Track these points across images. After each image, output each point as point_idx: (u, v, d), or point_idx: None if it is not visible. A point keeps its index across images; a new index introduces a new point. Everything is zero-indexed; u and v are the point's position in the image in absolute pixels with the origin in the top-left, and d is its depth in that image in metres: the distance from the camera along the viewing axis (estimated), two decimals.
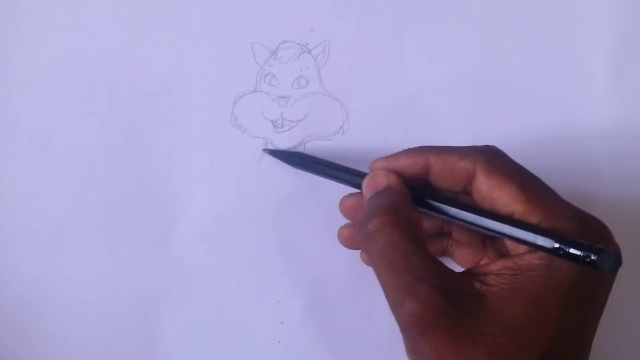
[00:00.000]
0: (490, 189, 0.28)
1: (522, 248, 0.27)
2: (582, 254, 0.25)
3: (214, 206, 0.37)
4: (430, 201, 0.30)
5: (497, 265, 0.27)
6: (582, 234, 0.26)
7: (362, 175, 0.32)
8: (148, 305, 0.37)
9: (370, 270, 0.37)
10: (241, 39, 0.37)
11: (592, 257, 0.24)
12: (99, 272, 0.37)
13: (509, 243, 0.28)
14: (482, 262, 0.32)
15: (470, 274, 0.27)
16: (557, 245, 0.25)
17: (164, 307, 0.37)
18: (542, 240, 0.26)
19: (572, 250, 0.25)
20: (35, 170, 0.37)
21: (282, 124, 0.37)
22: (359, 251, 0.35)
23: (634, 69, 0.37)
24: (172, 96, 0.37)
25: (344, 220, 0.35)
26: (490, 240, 0.33)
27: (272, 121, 0.37)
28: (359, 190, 0.32)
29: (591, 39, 0.37)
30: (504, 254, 0.30)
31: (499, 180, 0.28)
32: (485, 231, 0.28)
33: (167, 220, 0.37)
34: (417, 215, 0.29)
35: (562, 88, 0.37)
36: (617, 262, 0.25)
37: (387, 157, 0.31)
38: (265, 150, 0.37)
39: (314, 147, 0.37)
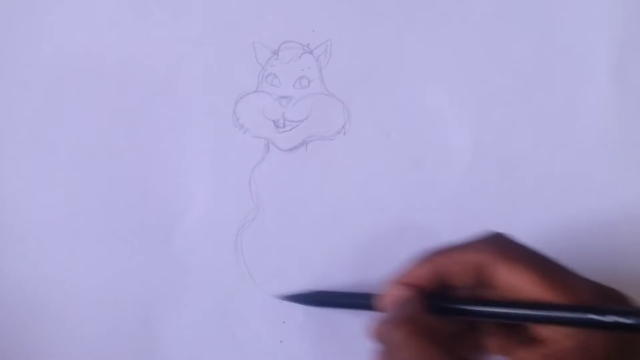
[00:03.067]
0: (508, 279, 0.28)
1: (552, 332, 0.27)
2: (620, 320, 0.25)
3: (215, 206, 0.37)
4: (451, 305, 0.29)
5: (531, 355, 0.27)
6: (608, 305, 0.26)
7: (373, 295, 0.32)
8: (149, 306, 0.37)
9: (370, 270, 0.37)
10: (243, 39, 0.37)
11: (630, 321, 0.25)
12: (100, 273, 0.37)
13: (539, 328, 0.28)
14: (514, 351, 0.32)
15: None
16: (593, 317, 0.25)
17: (166, 307, 0.37)
18: (575, 316, 0.26)
19: (610, 319, 0.25)
20: (35, 170, 0.37)
21: (284, 124, 0.37)
22: (363, 249, 0.36)
23: (634, 69, 0.37)
24: (173, 96, 0.37)
25: (351, 217, 0.35)
26: (522, 326, 0.32)
27: (273, 121, 0.37)
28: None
29: (591, 39, 0.37)
30: (533, 338, 0.29)
31: (514, 268, 0.27)
32: (517, 321, 0.28)
33: (168, 220, 0.37)
34: (435, 321, 0.28)
35: (562, 88, 0.37)
36: None
37: (399, 275, 0.31)
38: (280, 297, 0.37)
39: (316, 147, 0.37)
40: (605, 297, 0.27)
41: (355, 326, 0.38)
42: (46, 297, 0.37)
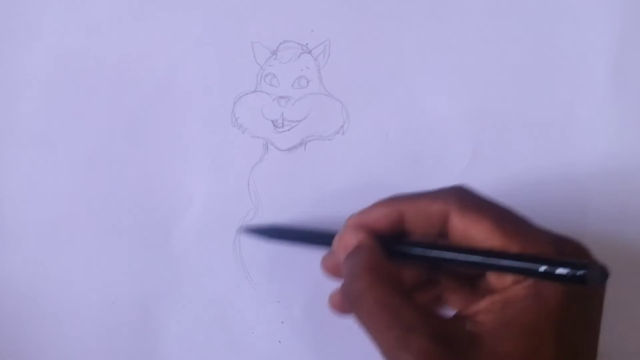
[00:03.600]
0: (466, 228, 0.28)
1: (507, 281, 0.27)
2: (569, 271, 0.25)
3: (214, 206, 0.37)
4: (409, 250, 0.30)
5: (484, 302, 0.27)
6: (563, 257, 0.26)
7: (333, 235, 0.32)
8: (148, 306, 0.37)
9: None
10: (242, 38, 0.37)
11: (579, 273, 0.24)
12: (99, 272, 0.37)
13: (493, 279, 0.28)
14: (466, 303, 0.32)
15: (460, 317, 0.27)
16: (543, 268, 0.25)
17: (164, 307, 0.37)
18: (526, 265, 0.26)
19: (559, 271, 0.25)
20: (35, 170, 0.37)
21: (283, 124, 0.37)
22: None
23: (633, 69, 0.37)
24: (172, 96, 0.37)
25: (342, 220, 0.35)
26: (479, 281, 0.32)
27: (272, 121, 0.37)
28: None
29: (590, 39, 0.37)
30: (489, 289, 0.29)
31: (473, 217, 0.28)
32: (469, 268, 0.28)
33: (167, 220, 0.37)
34: (394, 268, 0.29)
35: (562, 88, 0.37)
36: (604, 273, 0.25)
37: (359, 212, 0.31)
38: (239, 230, 0.37)
39: (315, 147, 0.37)
40: (564, 248, 0.27)
41: (355, 326, 0.37)
42: (45, 296, 0.37)
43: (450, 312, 0.30)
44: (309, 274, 0.38)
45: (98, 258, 0.37)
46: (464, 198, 0.29)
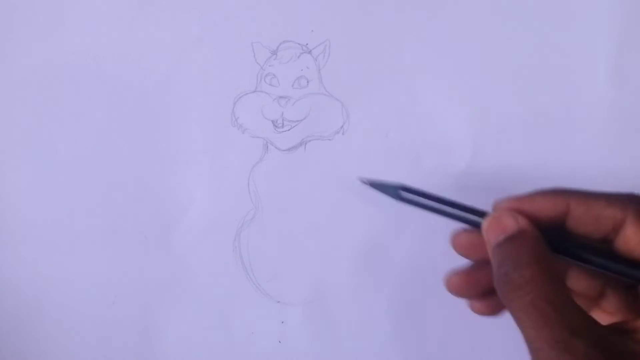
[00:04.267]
0: None
1: None
2: None
3: (214, 206, 0.37)
4: (577, 250, 0.27)
5: None
6: None
7: (481, 213, 0.29)
8: (148, 306, 0.37)
9: (370, 270, 0.37)
10: (241, 38, 0.37)
11: None
12: (99, 272, 0.37)
13: None
14: (626, 317, 0.30)
15: (622, 329, 0.26)
16: None
17: (165, 307, 0.37)
18: None
19: None
20: (35, 170, 0.37)
21: (283, 124, 0.37)
22: (363, 249, 0.35)
23: (633, 69, 0.37)
24: (172, 96, 0.37)
25: (350, 218, 0.35)
26: (626, 291, 0.30)
27: (272, 121, 0.37)
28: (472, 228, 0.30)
29: (589, 39, 0.37)
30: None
31: None
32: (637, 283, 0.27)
33: (167, 220, 0.37)
34: (560, 265, 0.27)
35: (561, 88, 0.37)
36: None
37: (518, 197, 0.28)
38: (362, 180, 0.32)
39: (315, 147, 0.37)
40: None
41: (355, 326, 0.38)
42: (45, 296, 0.37)
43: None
44: (309, 274, 0.38)
45: (98, 258, 0.37)
46: None
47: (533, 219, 0.28)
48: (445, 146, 0.37)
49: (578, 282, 0.30)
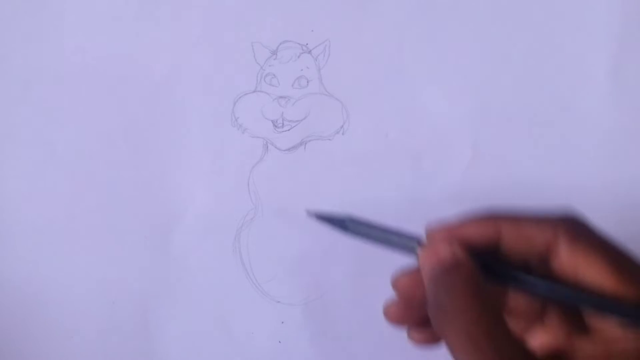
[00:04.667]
0: (575, 262, 0.25)
1: (610, 325, 0.25)
2: None
3: (214, 206, 0.37)
4: (510, 275, 0.27)
5: (586, 347, 0.25)
6: None
7: (416, 239, 0.28)
8: (148, 306, 0.37)
9: (370, 270, 0.37)
10: (241, 38, 0.37)
11: None
12: (99, 272, 0.37)
13: (592, 318, 0.26)
14: (562, 342, 0.29)
15: (558, 356, 0.26)
16: None
17: (165, 308, 0.37)
18: None
19: None
20: (35, 170, 0.37)
21: (283, 123, 0.37)
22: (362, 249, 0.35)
23: (633, 69, 0.37)
24: (172, 96, 0.37)
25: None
26: (564, 313, 0.29)
27: (272, 121, 0.37)
28: (411, 266, 0.30)
29: (589, 38, 0.37)
30: (588, 327, 0.27)
31: (585, 254, 0.25)
32: (574, 305, 0.26)
33: (167, 220, 0.37)
34: (493, 291, 0.27)
35: (562, 88, 0.37)
36: None
37: (449, 225, 0.28)
38: (309, 213, 0.32)
39: (315, 147, 0.37)
40: None
41: (355, 326, 0.38)
42: (45, 296, 0.37)
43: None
44: (309, 274, 0.38)
45: (98, 258, 0.37)
46: (575, 228, 0.26)
47: (467, 245, 0.27)
48: (445, 146, 0.37)
49: (517, 301, 0.30)
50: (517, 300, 0.30)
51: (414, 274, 0.29)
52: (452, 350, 0.25)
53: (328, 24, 0.37)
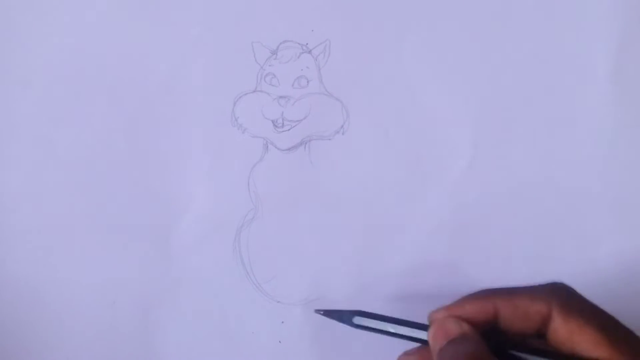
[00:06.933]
0: (570, 334, 0.26)
1: None
2: None
3: (214, 206, 0.37)
4: (513, 352, 0.28)
5: None
6: None
7: (423, 327, 0.30)
8: (148, 306, 0.37)
9: (370, 270, 0.37)
10: (241, 38, 0.37)
11: None
12: (99, 273, 0.37)
13: None
14: None
15: None
16: None
17: (164, 308, 0.37)
18: None
19: None
20: (35, 170, 0.37)
21: (283, 123, 0.37)
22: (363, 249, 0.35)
23: (633, 70, 0.37)
24: (172, 96, 0.37)
25: (349, 218, 0.35)
26: None
27: (272, 121, 0.37)
28: (416, 344, 0.30)
29: (590, 39, 0.37)
30: None
31: (577, 323, 0.26)
32: None
33: (167, 220, 0.37)
34: None
35: (561, 88, 0.37)
36: None
37: (448, 306, 0.29)
38: (317, 311, 0.34)
39: (315, 146, 0.37)
40: None
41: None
42: (45, 296, 0.37)
43: None
44: (309, 274, 0.38)
45: (98, 258, 0.37)
46: (567, 300, 0.27)
47: (473, 324, 0.28)
48: (445, 146, 0.37)
49: None
50: None
51: (418, 354, 0.30)
52: None
53: (328, 23, 0.37)
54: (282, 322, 0.37)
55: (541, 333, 0.28)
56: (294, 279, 0.38)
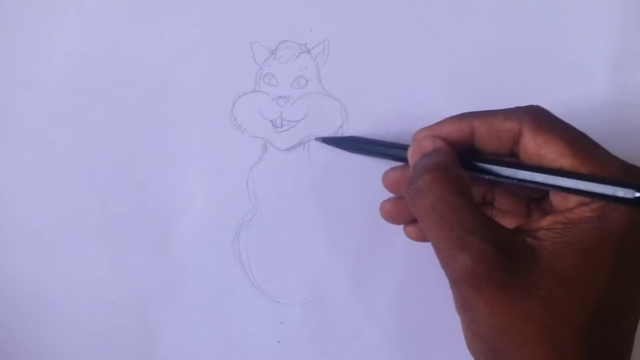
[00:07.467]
0: (538, 147, 0.28)
1: (571, 203, 0.27)
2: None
3: (213, 206, 0.37)
4: (479, 163, 0.30)
5: (547, 220, 0.27)
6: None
7: (406, 147, 0.32)
8: (148, 306, 0.37)
9: (369, 270, 0.37)
10: (240, 38, 0.37)
11: None
12: (99, 273, 0.37)
13: (557, 200, 0.28)
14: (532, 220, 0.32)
15: (520, 230, 0.27)
16: (614, 189, 0.25)
17: (164, 308, 0.37)
18: (595, 187, 0.26)
19: (629, 193, 0.25)
20: (35, 170, 0.37)
21: (282, 123, 0.37)
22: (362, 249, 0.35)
23: (633, 70, 0.37)
24: (171, 96, 0.37)
25: (349, 218, 0.35)
26: (535, 205, 0.33)
27: (271, 121, 0.37)
28: (401, 164, 0.33)
29: (589, 39, 0.37)
30: (551, 211, 0.29)
31: (545, 137, 0.28)
32: (539, 187, 0.28)
33: (167, 220, 0.37)
34: (465, 173, 0.29)
35: (561, 89, 0.37)
36: None
37: (430, 126, 0.31)
38: (317, 138, 0.37)
39: (314, 147, 0.37)
40: (635, 175, 0.27)
41: (354, 326, 0.37)
42: (45, 296, 0.37)
43: None
44: (308, 274, 0.38)
45: (97, 258, 0.37)
46: (537, 117, 0.29)
47: (449, 141, 0.30)
48: None
49: (504, 202, 0.33)
50: (504, 201, 0.33)
51: (401, 169, 0.34)
52: (422, 223, 0.28)
53: (327, 23, 0.37)
54: (281, 322, 0.37)
55: (514, 152, 0.29)
56: (293, 279, 0.38)
